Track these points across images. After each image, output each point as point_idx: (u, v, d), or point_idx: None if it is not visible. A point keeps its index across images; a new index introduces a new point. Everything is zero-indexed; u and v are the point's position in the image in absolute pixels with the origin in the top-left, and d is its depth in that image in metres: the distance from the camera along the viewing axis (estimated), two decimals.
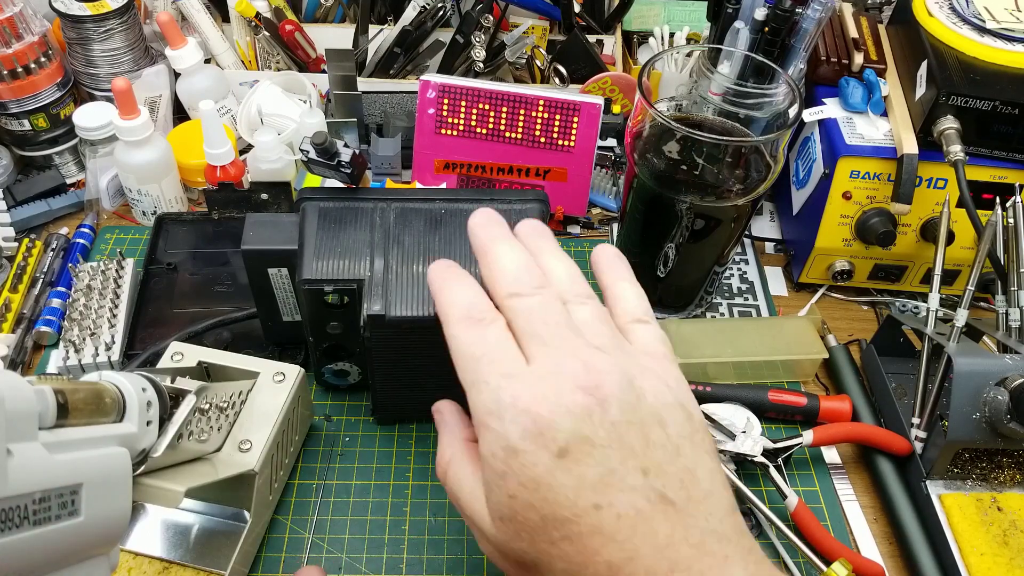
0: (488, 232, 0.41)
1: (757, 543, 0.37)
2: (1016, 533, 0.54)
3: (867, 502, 0.60)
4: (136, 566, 0.50)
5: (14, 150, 0.79)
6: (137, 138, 0.70)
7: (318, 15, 0.90)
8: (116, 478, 0.34)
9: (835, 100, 0.71)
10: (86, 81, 0.80)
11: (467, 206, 0.55)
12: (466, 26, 0.82)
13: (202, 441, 0.46)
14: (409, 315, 0.51)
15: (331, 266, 0.52)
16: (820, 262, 0.72)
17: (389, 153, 0.77)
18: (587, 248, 0.77)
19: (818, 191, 0.70)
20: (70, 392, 0.32)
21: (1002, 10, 0.69)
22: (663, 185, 0.61)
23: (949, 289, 0.71)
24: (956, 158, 0.62)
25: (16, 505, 0.28)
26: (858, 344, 0.69)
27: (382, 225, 0.54)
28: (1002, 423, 0.53)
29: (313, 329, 0.56)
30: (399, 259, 0.52)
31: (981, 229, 0.62)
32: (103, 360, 0.62)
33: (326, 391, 0.64)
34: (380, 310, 0.50)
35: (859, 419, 0.62)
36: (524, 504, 0.34)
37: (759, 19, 0.69)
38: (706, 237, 0.63)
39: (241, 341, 0.64)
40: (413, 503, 0.58)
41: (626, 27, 0.93)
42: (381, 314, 0.50)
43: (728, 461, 0.59)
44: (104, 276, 0.66)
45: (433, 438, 0.61)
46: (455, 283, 0.40)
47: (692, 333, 0.66)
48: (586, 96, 0.72)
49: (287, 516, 0.56)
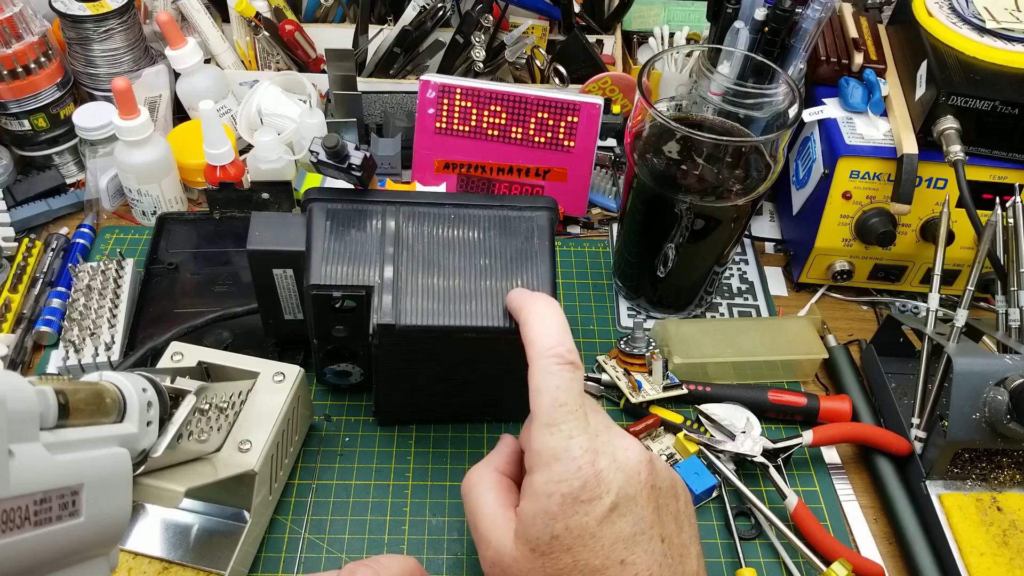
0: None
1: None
2: (1016, 533, 0.55)
3: (867, 502, 0.60)
4: (136, 566, 0.50)
5: (14, 150, 0.79)
6: (137, 138, 0.70)
7: (318, 15, 0.90)
8: (116, 478, 0.34)
9: (835, 100, 0.71)
10: (86, 81, 0.80)
11: (476, 211, 0.54)
12: (466, 26, 0.82)
13: (202, 441, 0.46)
14: (420, 324, 0.50)
15: (340, 271, 0.51)
16: (820, 262, 0.72)
17: (389, 153, 0.77)
18: (587, 248, 0.77)
19: (818, 191, 0.70)
20: (71, 392, 0.32)
21: (1002, 10, 0.69)
22: (663, 185, 0.61)
23: (949, 289, 0.71)
24: (956, 158, 0.62)
25: (17, 506, 0.28)
26: (858, 344, 0.69)
27: (391, 230, 0.53)
28: (1002, 423, 0.53)
29: (318, 332, 0.56)
30: (408, 266, 0.52)
31: (981, 229, 0.62)
32: (103, 360, 0.62)
33: (326, 391, 0.64)
34: (391, 320, 0.50)
35: (859, 419, 0.62)
36: (563, 545, 0.37)
37: (759, 19, 0.69)
38: (706, 237, 0.63)
39: (241, 341, 0.64)
40: (413, 503, 0.58)
41: (626, 27, 0.93)
42: (391, 324, 0.50)
43: (728, 461, 0.59)
44: (104, 276, 0.66)
45: (434, 438, 0.61)
46: (549, 308, 0.43)
47: (692, 333, 0.66)
48: (586, 96, 0.72)
49: (287, 516, 0.56)
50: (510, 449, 0.46)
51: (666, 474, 0.41)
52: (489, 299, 0.51)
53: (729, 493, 0.58)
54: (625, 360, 0.64)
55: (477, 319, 0.50)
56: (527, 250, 0.53)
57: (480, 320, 0.50)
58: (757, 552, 0.56)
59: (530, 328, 0.42)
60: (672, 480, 0.42)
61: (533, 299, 0.45)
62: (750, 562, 0.55)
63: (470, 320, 0.50)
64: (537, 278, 0.52)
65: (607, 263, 0.76)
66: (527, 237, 0.54)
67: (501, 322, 0.50)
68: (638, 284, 0.70)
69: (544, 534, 0.38)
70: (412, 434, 0.62)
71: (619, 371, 0.64)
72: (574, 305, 0.72)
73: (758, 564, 0.55)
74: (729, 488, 0.58)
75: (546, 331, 0.41)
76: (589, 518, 0.37)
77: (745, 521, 0.58)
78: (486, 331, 0.50)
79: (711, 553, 0.56)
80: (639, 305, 0.72)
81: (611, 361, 0.65)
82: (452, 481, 0.59)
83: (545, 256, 0.53)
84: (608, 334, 0.70)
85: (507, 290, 0.51)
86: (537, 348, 0.41)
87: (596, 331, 0.70)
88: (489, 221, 0.54)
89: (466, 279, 0.52)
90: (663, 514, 0.40)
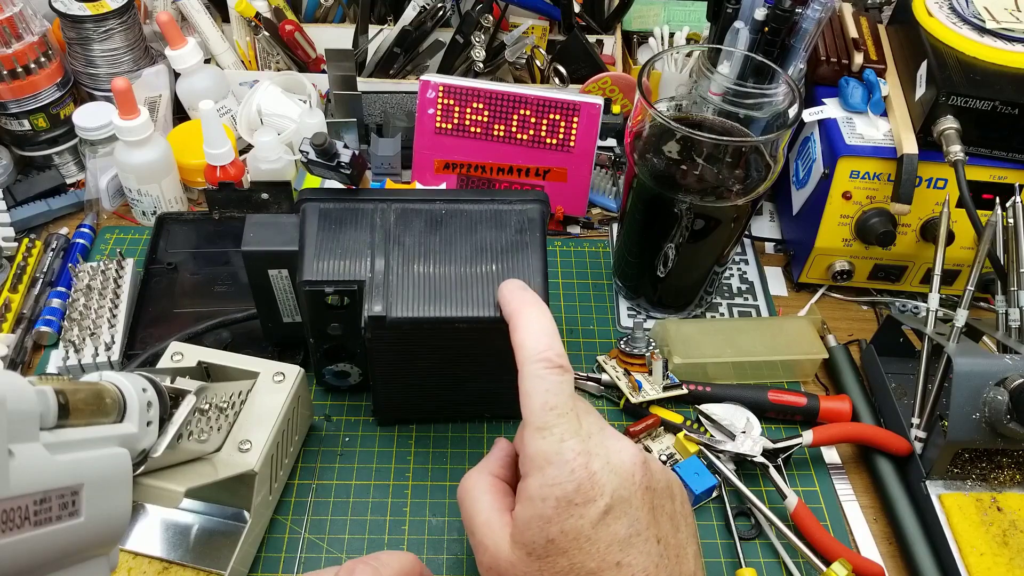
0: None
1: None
2: (1016, 533, 0.55)
3: (867, 502, 0.60)
4: (136, 566, 0.50)
5: (14, 150, 0.79)
6: (137, 138, 0.70)
7: (318, 15, 0.90)
8: (116, 478, 0.34)
9: (835, 100, 0.71)
10: (86, 81, 0.80)
11: (467, 206, 0.55)
12: (466, 26, 0.82)
13: (202, 441, 0.46)
14: (410, 316, 0.51)
15: (332, 267, 0.52)
16: (820, 262, 0.72)
17: (389, 153, 0.77)
18: (587, 248, 0.77)
19: (818, 191, 0.70)
20: (71, 392, 0.32)
21: (1002, 10, 0.69)
22: (663, 185, 0.61)
23: (949, 289, 0.71)
24: (956, 158, 0.62)
25: (17, 506, 0.28)
26: (858, 344, 0.69)
27: (382, 226, 0.54)
28: (1002, 423, 0.53)
29: (314, 330, 0.56)
30: (400, 260, 0.52)
31: (981, 229, 0.62)
32: (103, 360, 0.62)
33: (326, 391, 0.64)
34: (381, 311, 0.50)
35: (859, 419, 0.62)
36: (558, 549, 0.37)
37: (759, 19, 0.69)
38: (706, 237, 0.63)
39: (241, 341, 0.64)
40: (413, 503, 0.58)
41: (626, 27, 0.93)
42: (382, 315, 0.50)
43: (728, 461, 0.59)
44: (104, 276, 0.66)
45: (434, 438, 0.61)
46: (537, 312, 0.43)
47: (692, 333, 0.66)
48: (586, 96, 0.72)
49: (287, 516, 0.56)
50: (504, 453, 0.46)
51: (661, 475, 0.41)
52: (480, 290, 0.51)
53: (729, 493, 0.58)
54: (625, 360, 0.64)
55: (468, 309, 0.51)
56: (518, 242, 0.53)
57: (471, 310, 0.51)
58: (757, 552, 0.56)
59: (519, 333, 0.42)
60: (668, 480, 0.42)
61: (522, 303, 0.45)
62: (750, 562, 0.55)
63: (461, 311, 0.51)
64: (528, 270, 0.52)
65: (607, 263, 0.76)
66: (518, 230, 0.54)
67: (493, 312, 0.50)
68: (638, 284, 0.70)
69: (540, 538, 0.38)
70: (412, 434, 0.62)
71: (619, 371, 0.64)
72: (574, 305, 0.72)
73: (758, 564, 0.55)
74: (729, 488, 0.58)
75: (535, 336, 0.42)
76: (584, 521, 0.37)
77: (745, 521, 0.58)
78: (478, 321, 0.51)
79: (711, 553, 0.56)
80: (639, 305, 0.72)
81: (611, 361, 0.65)
82: (452, 481, 0.59)
83: (536, 248, 0.53)
84: (608, 334, 0.70)
85: (498, 281, 0.51)
86: (526, 353, 0.41)
87: (596, 331, 0.70)
88: (480, 215, 0.55)
89: (457, 270, 0.52)
90: (658, 515, 0.40)
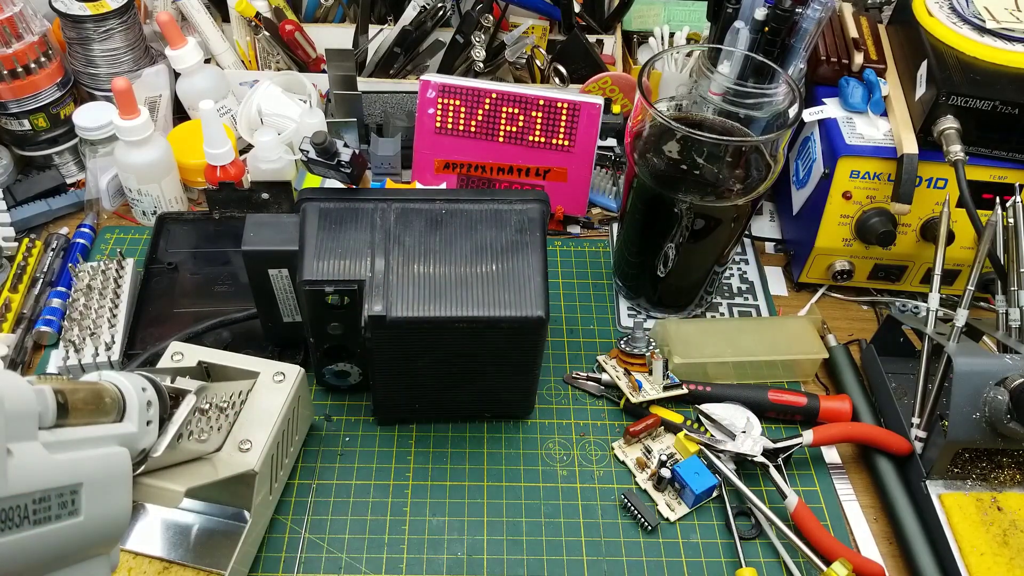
0: None
1: None
2: (1016, 533, 0.54)
3: (867, 502, 0.60)
4: (136, 566, 0.50)
5: (14, 150, 0.79)
6: (137, 138, 0.70)
7: (318, 15, 0.90)
8: (116, 478, 0.34)
9: (835, 100, 0.71)
10: (86, 81, 0.80)
11: (467, 206, 0.55)
12: (466, 26, 0.82)
13: (202, 441, 0.46)
14: (410, 315, 0.51)
15: (332, 267, 0.52)
16: (820, 262, 0.72)
17: (389, 153, 0.77)
18: (587, 248, 0.77)
19: (818, 191, 0.70)
20: (70, 392, 0.32)
21: (1002, 10, 0.69)
22: (663, 185, 0.61)
23: (949, 289, 0.71)
24: (956, 158, 0.62)
25: (16, 505, 0.28)
26: (858, 344, 0.69)
27: (382, 225, 0.54)
28: (1002, 423, 0.53)
29: (314, 330, 0.56)
30: (400, 260, 0.52)
31: (981, 229, 0.62)
32: (103, 360, 0.62)
33: (326, 391, 0.64)
34: (381, 311, 0.50)
35: (859, 419, 0.62)
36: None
37: (759, 19, 0.69)
38: (706, 237, 0.63)
39: (241, 341, 0.64)
40: (413, 503, 0.58)
41: (626, 27, 0.93)
42: (382, 315, 0.50)
43: (728, 461, 0.59)
44: (104, 276, 0.66)
45: (434, 438, 0.61)
46: None
47: (692, 333, 0.66)
48: (586, 96, 0.72)
49: (287, 516, 0.56)
50: None
51: None
52: (480, 289, 0.51)
53: (729, 493, 0.58)
54: (625, 360, 0.64)
55: (468, 309, 0.51)
56: (518, 242, 0.53)
57: (472, 310, 0.51)
58: (757, 552, 0.56)
59: None
60: None
61: None
62: (750, 562, 0.55)
63: (460, 310, 0.51)
64: (528, 269, 0.52)
65: (607, 263, 0.76)
66: (518, 229, 0.54)
67: (492, 311, 0.50)
68: (638, 284, 0.70)
69: None
70: (412, 434, 0.62)
71: (619, 371, 0.64)
72: (574, 305, 0.72)
73: (758, 564, 0.55)
74: (729, 488, 0.58)
75: None
76: None
77: (745, 521, 0.58)
78: (477, 321, 0.51)
79: (711, 553, 0.56)
80: (639, 305, 0.72)
81: (611, 361, 0.65)
82: (452, 481, 0.59)
83: (536, 248, 0.53)
84: (608, 334, 0.70)
85: (498, 281, 0.51)
86: None
87: (596, 331, 0.70)
88: (480, 215, 0.55)
89: (457, 270, 0.52)
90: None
